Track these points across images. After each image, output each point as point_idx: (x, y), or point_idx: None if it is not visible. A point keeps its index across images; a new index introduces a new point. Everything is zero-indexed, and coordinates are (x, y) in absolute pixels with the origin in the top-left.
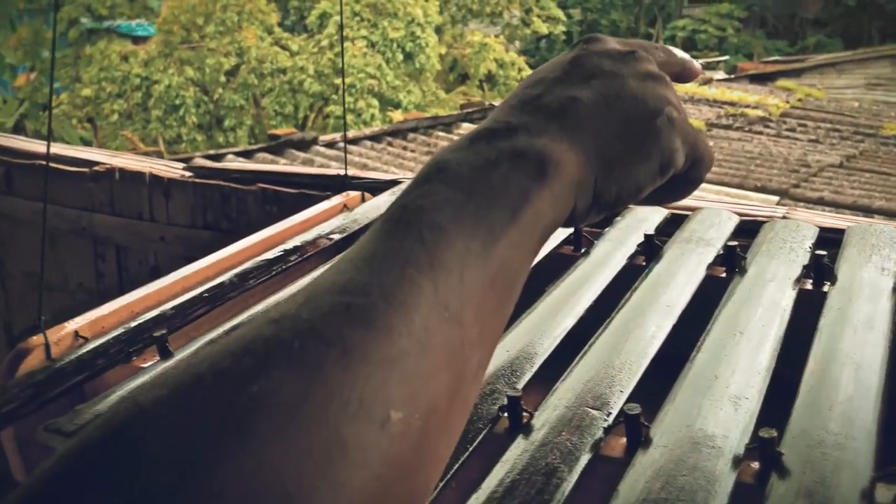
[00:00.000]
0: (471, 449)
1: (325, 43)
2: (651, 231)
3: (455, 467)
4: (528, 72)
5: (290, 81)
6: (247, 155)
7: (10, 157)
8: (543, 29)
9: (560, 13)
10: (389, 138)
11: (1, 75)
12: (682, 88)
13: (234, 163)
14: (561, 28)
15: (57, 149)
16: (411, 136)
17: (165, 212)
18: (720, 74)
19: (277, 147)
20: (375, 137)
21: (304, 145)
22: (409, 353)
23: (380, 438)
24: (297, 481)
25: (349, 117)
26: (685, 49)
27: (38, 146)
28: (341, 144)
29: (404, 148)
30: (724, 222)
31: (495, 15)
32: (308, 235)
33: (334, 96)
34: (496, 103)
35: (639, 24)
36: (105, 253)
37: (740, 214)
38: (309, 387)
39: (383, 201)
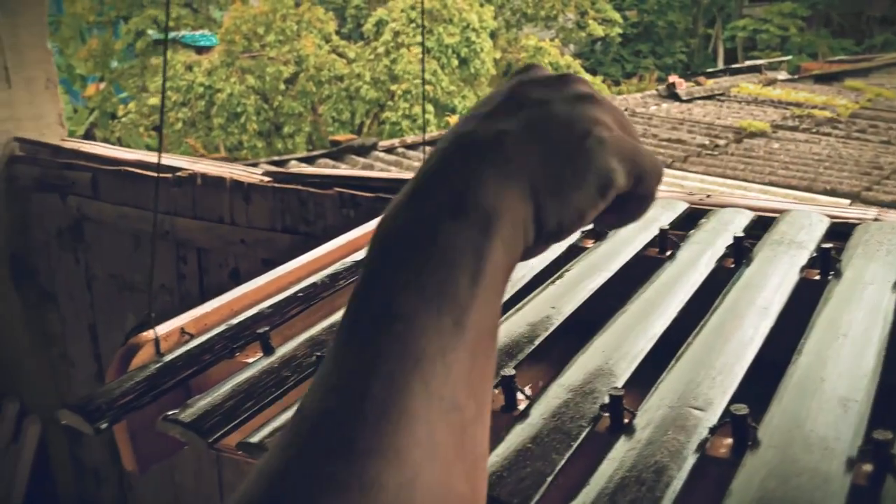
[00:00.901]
0: (574, 446)
1: (381, 50)
2: (739, 233)
3: (560, 464)
4: (583, 74)
5: (347, 88)
6: (308, 161)
7: (97, 164)
8: (599, 31)
9: (616, 15)
10: None
11: (72, 86)
12: (746, 90)
13: (308, 168)
14: (617, 30)
15: (140, 155)
16: None
17: (245, 215)
18: (783, 75)
19: (338, 153)
20: (433, 143)
21: (363, 151)
22: (423, 466)
23: None
24: None
25: (405, 123)
26: (745, 50)
27: (123, 153)
28: (400, 150)
29: None
30: (814, 224)
31: (550, 18)
32: None
33: (390, 102)
34: None
35: (697, 25)
36: (187, 255)
37: (830, 217)
38: None
39: None
